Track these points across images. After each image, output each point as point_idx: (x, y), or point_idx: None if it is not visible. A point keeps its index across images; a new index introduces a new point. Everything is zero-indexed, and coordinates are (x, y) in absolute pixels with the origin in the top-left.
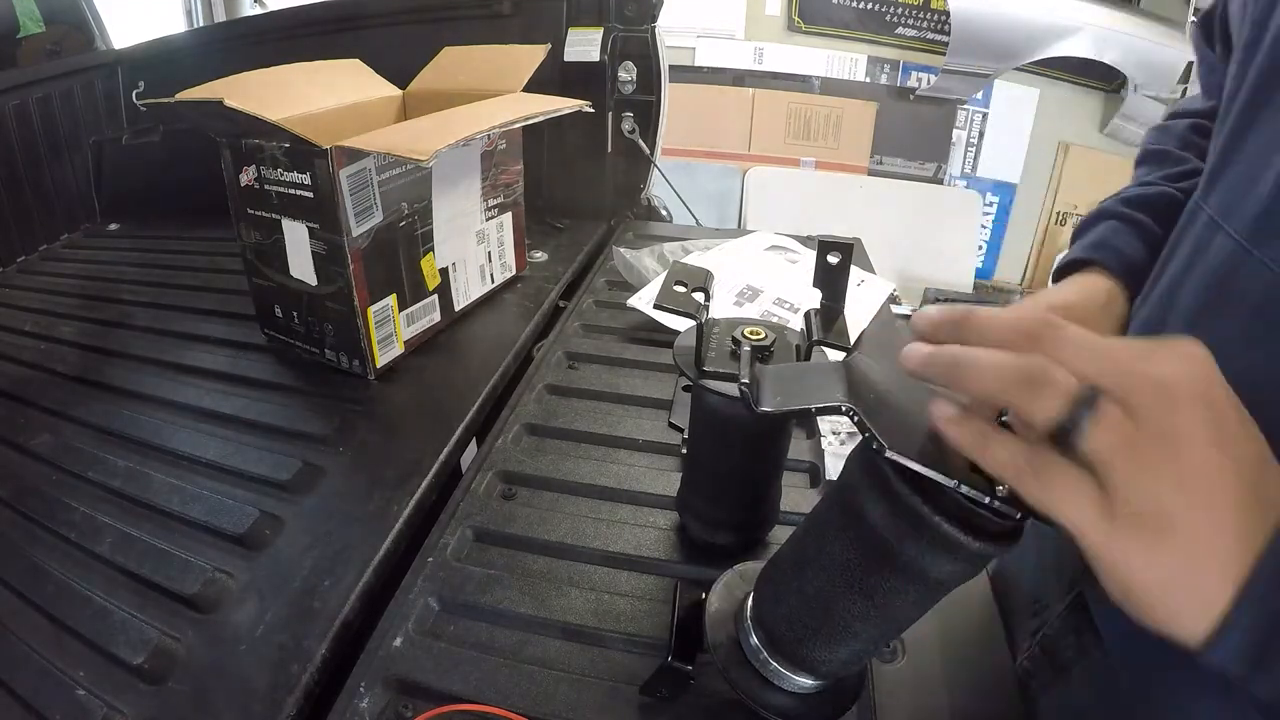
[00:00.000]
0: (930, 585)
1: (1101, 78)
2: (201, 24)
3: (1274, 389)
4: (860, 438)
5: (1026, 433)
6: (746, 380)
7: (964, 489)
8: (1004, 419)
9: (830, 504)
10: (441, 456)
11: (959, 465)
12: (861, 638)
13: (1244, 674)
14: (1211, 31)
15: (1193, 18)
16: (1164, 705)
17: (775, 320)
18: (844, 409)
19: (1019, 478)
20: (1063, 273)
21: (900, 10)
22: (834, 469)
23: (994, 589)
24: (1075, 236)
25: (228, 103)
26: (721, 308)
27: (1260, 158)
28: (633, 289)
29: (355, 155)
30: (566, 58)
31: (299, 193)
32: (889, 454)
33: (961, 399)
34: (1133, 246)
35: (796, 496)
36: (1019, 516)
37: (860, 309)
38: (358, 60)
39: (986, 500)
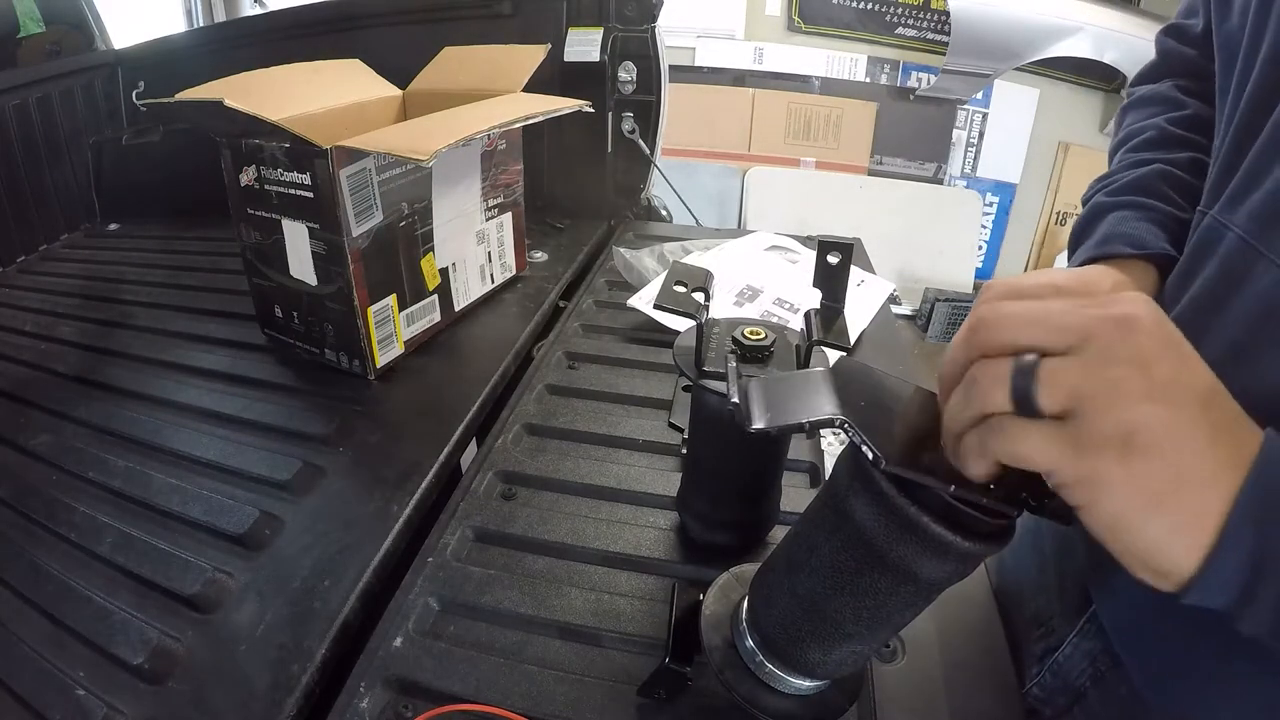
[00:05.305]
0: (921, 585)
1: (1101, 78)
2: (201, 24)
3: None
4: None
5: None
6: (735, 400)
7: (955, 490)
8: None
9: (820, 506)
10: (441, 456)
11: (951, 466)
12: (855, 639)
13: (1235, 605)
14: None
15: None
16: None
17: (775, 320)
18: (837, 422)
19: (988, 442)
20: None
21: (900, 10)
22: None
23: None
24: (1076, 240)
25: (228, 103)
26: (721, 308)
27: None
28: (633, 289)
29: (355, 155)
30: (566, 58)
31: (299, 193)
32: (885, 468)
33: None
34: (1150, 231)
35: (796, 496)
36: (1008, 516)
37: (860, 309)
38: (358, 60)
39: (977, 500)
